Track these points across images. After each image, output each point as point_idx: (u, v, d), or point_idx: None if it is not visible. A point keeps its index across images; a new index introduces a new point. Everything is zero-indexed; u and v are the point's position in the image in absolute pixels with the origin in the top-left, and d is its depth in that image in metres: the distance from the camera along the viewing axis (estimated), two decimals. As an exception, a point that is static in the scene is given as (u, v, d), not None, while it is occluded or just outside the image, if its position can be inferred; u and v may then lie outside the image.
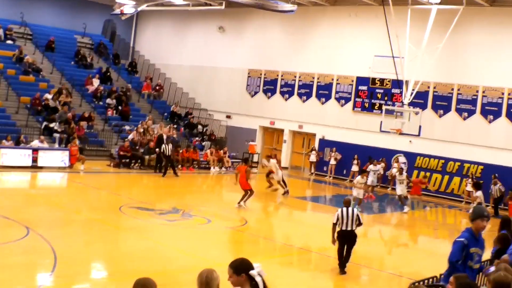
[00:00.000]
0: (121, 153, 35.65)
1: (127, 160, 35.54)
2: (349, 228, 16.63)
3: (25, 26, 47.11)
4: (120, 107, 42.55)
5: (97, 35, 51.93)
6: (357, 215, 16.79)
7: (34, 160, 31.82)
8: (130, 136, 37.43)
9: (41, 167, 31.82)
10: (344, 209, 16.72)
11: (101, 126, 39.84)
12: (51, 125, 36.50)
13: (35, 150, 32.14)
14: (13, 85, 39.51)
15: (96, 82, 44.21)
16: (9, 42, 44.89)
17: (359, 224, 16.92)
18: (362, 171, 30.59)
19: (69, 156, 33.11)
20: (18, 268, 14.70)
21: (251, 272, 6.92)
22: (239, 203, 25.87)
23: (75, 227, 19.93)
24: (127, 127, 40.01)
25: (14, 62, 42.48)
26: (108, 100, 42.72)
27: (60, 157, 33.09)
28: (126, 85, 46.15)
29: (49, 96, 38.92)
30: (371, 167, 34.63)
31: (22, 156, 31.66)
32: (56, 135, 35.77)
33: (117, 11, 45.40)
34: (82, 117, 38.62)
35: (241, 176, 26.55)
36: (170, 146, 34.42)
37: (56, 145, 34.97)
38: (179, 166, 37.11)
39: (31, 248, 16.43)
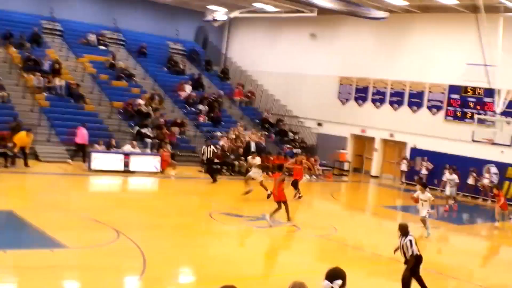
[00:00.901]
0: (214, 160, 35.81)
1: (218, 166, 35.63)
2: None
3: (117, 32, 48.03)
4: (211, 114, 42.81)
5: (189, 42, 52.50)
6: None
7: (126, 164, 32.34)
8: (221, 143, 37.57)
9: (132, 172, 32.31)
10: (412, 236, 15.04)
11: (193, 132, 40.20)
12: (143, 130, 37.01)
13: (127, 155, 32.64)
14: (105, 90, 40.34)
15: (188, 88, 44.65)
16: (102, 47, 45.84)
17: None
18: (423, 185, 24.84)
19: (160, 161, 33.51)
20: (109, 270, 14.93)
21: (323, 283, 6.83)
22: (289, 220, 23.11)
23: (164, 231, 20.11)
24: (218, 133, 40.18)
25: (107, 67, 43.34)
26: (200, 106, 43.08)
27: (151, 162, 33.52)
28: (218, 91, 46.44)
29: (141, 101, 39.47)
30: (447, 175, 33.81)
31: (114, 161, 32.22)
32: (148, 140, 36.23)
33: (210, 17, 45.80)
34: (174, 122, 39.05)
35: (276, 185, 23.48)
36: (212, 148, 33.68)
37: (148, 150, 35.43)
38: (269, 173, 37.11)
39: (121, 251, 16.66)
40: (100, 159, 31.85)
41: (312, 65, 47.62)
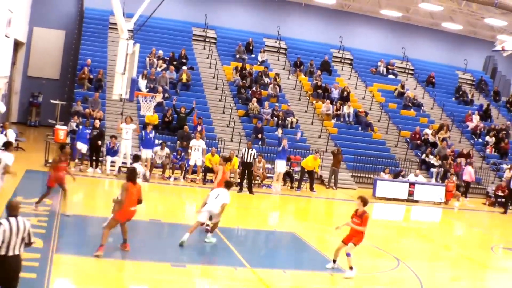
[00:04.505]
0: (497, 192, 35.07)
1: (503, 200, 34.73)
2: None
3: (406, 61, 48.59)
4: (499, 145, 41.92)
5: (477, 71, 51.76)
6: None
7: (410, 193, 32.61)
8: (507, 175, 36.65)
9: (416, 201, 32.50)
10: None
11: (479, 163, 39.57)
12: (429, 159, 37.10)
13: (412, 184, 32.91)
14: (393, 118, 40.95)
15: (475, 118, 44.06)
16: (390, 76, 46.62)
17: None
18: None
19: (445, 191, 33.40)
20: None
21: None
22: None
23: (443, 263, 20.16)
24: (504, 166, 39.21)
25: (395, 96, 44.02)
26: (487, 138, 42.34)
27: (436, 192, 33.51)
28: (506, 122, 45.33)
29: (428, 131, 39.66)
30: None
31: (399, 189, 32.64)
32: (433, 170, 36.25)
33: (498, 47, 45.03)
34: (460, 153, 38.69)
35: None
36: (253, 152, 29.04)
37: (433, 180, 35.44)
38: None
39: (399, 280, 16.98)
40: (385, 187, 32.44)
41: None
